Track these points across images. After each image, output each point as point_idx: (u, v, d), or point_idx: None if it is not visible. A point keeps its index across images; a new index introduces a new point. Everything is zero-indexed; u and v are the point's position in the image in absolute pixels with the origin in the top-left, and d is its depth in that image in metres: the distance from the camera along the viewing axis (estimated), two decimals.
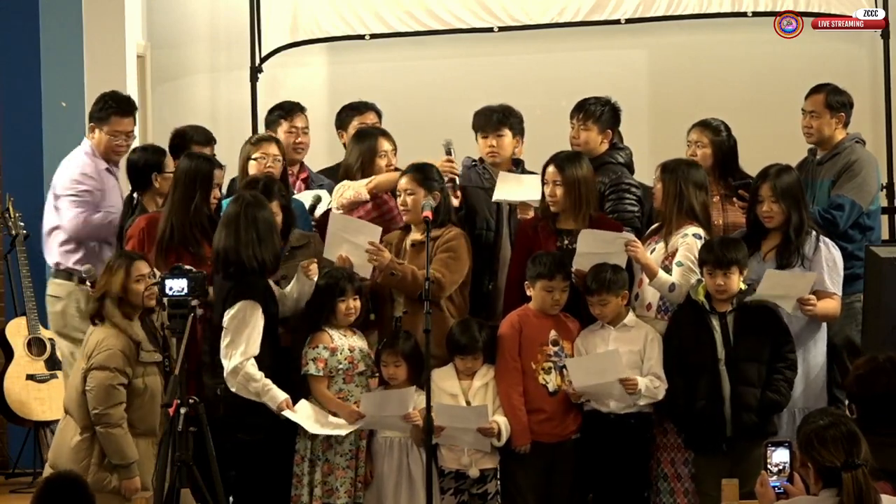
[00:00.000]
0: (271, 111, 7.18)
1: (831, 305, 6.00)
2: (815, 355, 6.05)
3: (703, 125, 6.62)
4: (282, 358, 5.99)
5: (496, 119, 6.57)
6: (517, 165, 6.64)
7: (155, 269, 5.89)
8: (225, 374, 5.81)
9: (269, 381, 5.81)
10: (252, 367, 5.80)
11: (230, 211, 5.98)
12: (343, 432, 5.86)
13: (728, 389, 5.81)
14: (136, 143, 8.27)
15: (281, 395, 5.81)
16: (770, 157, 6.38)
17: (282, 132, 7.03)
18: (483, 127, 6.59)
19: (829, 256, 6.05)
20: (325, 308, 6.00)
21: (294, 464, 5.95)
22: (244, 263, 5.84)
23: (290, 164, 6.99)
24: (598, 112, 6.60)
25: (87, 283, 6.58)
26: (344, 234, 6.11)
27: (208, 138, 7.07)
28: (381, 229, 6.17)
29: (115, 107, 6.87)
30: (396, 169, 6.49)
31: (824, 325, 6.10)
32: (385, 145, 6.56)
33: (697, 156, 6.55)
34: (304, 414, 5.87)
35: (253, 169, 6.54)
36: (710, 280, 5.87)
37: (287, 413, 5.81)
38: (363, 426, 5.92)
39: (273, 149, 6.61)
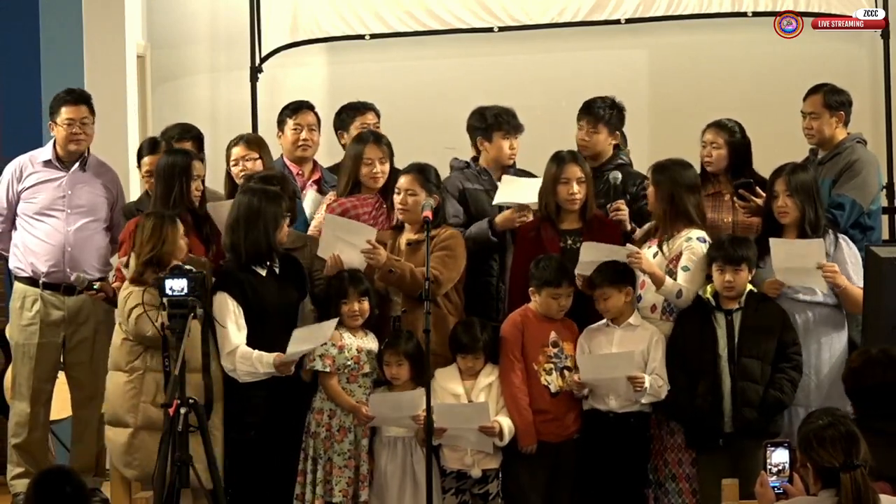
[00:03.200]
0: (281, 111, 7.18)
1: (860, 293, 5.98)
2: (832, 354, 6.04)
3: (719, 126, 6.61)
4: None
5: (520, 123, 6.62)
6: (510, 166, 6.66)
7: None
8: (226, 368, 5.84)
9: (260, 352, 5.79)
10: (243, 348, 5.80)
11: (235, 199, 6.09)
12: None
13: (729, 386, 5.82)
14: (135, 145, 8.30)
15: (271, 356, 5.79)
16: (770, 157, 6.39)
17: (288, 130, 7.04)
18: (508, 129, 6.59)
19: (851, 253, 6.07)
20: (329, 309, 6.01)
21: (300, 461, 5.96)
22: (231, 250, 5.95)
23: (297, 162, 6.99)
24: (606, 115, 6.63)
25: (83, 291, 6.57)
26: (338, 234, 6.11)
27: (188, 133, 7.09)
28: (375, 230, 6.17)
29: (65, 97, 6.82)
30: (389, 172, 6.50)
31: (845, 323, 6.10)
32: (370, 152, 6.50)
33: (713, 157, 6.55)
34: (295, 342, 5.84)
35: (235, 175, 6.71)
36: (720, 276, 5.88)
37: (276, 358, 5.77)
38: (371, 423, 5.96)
39: (239, 151, 6.75)
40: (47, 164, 6.85)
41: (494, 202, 6.43)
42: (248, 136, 6.99)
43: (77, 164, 6.86)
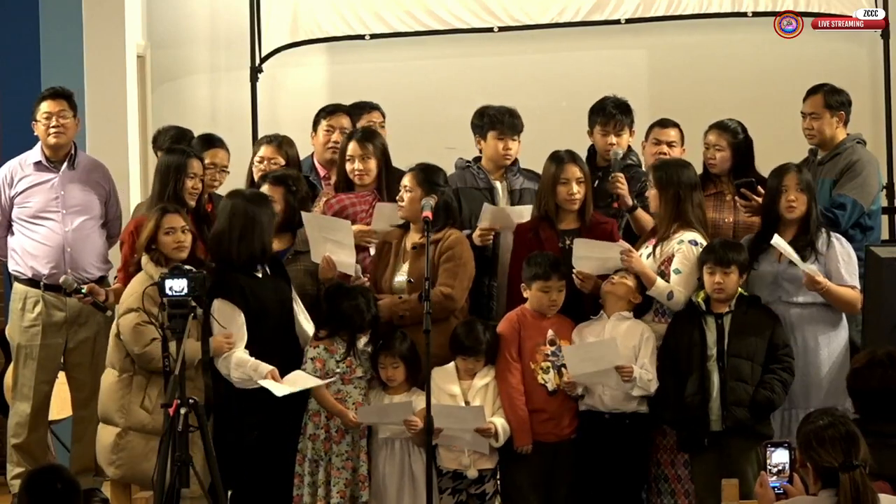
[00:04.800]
0: (317, 112, 7.14)
1: (851, 293, 6.01)
2: (831, 352, 6.04)
3: (721, 128, 6.61)
4: (292, 358, 5.99)
5: (518, 124, 6.62)
6: (513, 165, 6.66)
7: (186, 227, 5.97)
8: (222, 372, 5.82)
9: (256, 361, 5.76)
10: (241, 353, 5.78)
11: (221, 205, 6.03)
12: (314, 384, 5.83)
13: (717, 385, 5.82)
14: (135, 145, 8.29)
15: (266, 367, 5.75)
16: (770, 157, 6.40)
17: (321, 131, 7.02)
18: (502, 129, 6.59)
19: (843, 251, 6.08)
20: (340, 328, 5.99)
21: (297, 464, 5.95)
22: (222, 257, 5.91)
23: (327, 164, 6.97)
24: (627, 119, 6.65)
25: (72, 294, 6.57)
26: (322, 234, 6.10)
27: (186, 138, 7.10)
28: (349, 223, 6.17)
29: (44, 93, 6.84)
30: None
31: (844, 323, 6.10)
32: (350, 149, 6.52)
33: (716, 159, 6.56)
34: (289, 382, 5.81)
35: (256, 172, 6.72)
36: (710, 278, 5.88)
37: (267, 383, 5.71)
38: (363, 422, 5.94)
39: (266, 151, 6.74)
40: (37, 166, 6.84)
41: (478, 223, 6.41)
42: (281, 138, 6.90)
43: (66, 164, 6.85)
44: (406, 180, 6.19)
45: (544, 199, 6.23)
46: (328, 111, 7.07)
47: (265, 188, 6.26)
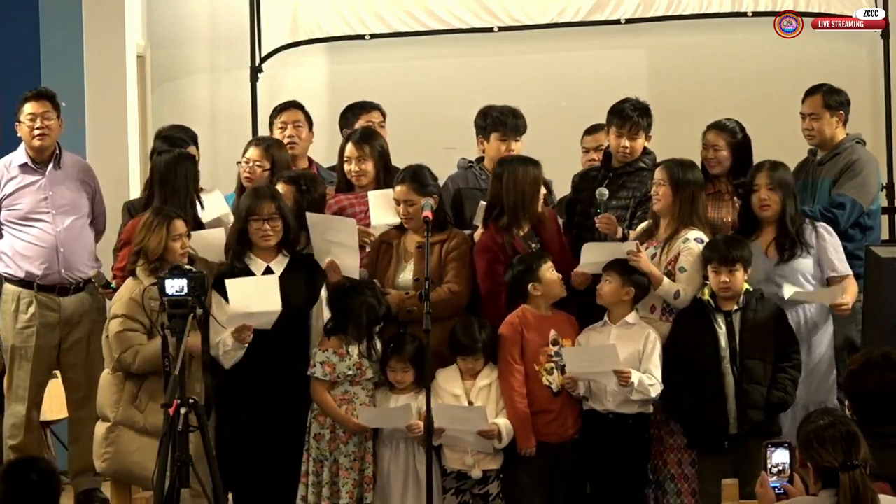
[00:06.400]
0: (270, 114, 7.17)
1: (853, 286, 6.04)
2: (820, 350, 6.07)
3: (720, 128, 6.59)
4: (299, 358, 6.01)
5: (521, 125, 6.62)
6: None
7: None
8: (218, 358, 5.86)
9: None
10: (227, 336, 5.83)
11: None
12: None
13: (732, 387, 5.83)
14: (135, 145, 8.29)
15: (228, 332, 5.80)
16: (770, 157, 6.38)
17: (276, 130, 7.04)
18: (504, 131, 6.59)
19: (833, 240, 6.12)
20: (351, 327, 5.98)
21: (302, 462, 5.96)
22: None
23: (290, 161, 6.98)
24: (645, 123, 6.56)
25: (100, 287, 6.60)
26: (326, 236, 6.09)
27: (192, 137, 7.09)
28: (353, 221, 6.17)
29: (27, 94, 6.82)
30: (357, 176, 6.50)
31: (830, 319, 6.13)
32: (348, 151, 6.53)
33: (715, 158, 6.54)
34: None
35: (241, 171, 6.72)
36: (715, 277, 5.88)
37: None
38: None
39: (252, 153, 6.69)
40: (23, 168, 6.83)
41: (476, 221, 6.41)
42: (271, 141, 6.86)
43: (52, 164, 6.84)
44: (402, 194, 6.12)
45: (529, 207, 6.16)
46: (277, 109, 7.11)
47: (279, 186, 6.28)
